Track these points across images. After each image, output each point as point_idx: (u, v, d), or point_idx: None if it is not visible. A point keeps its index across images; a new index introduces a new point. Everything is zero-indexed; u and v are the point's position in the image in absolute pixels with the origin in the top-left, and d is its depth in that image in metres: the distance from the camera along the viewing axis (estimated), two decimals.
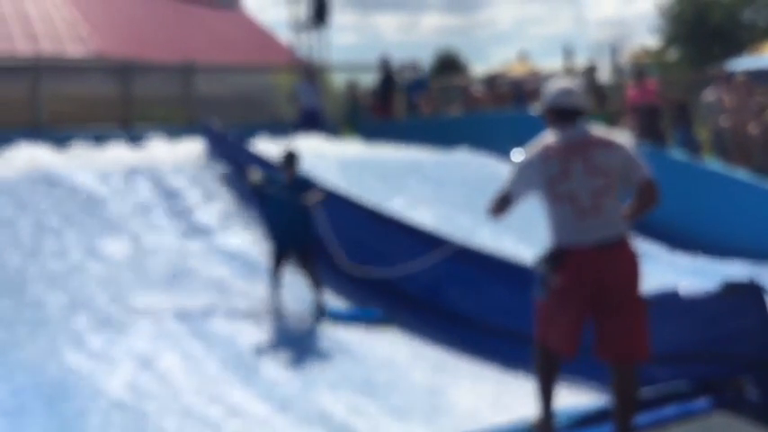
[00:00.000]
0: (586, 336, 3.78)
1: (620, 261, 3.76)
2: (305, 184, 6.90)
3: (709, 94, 11.34)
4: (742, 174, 9.57)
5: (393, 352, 6.06)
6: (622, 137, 4.01)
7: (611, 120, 11.92)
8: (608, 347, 3.76)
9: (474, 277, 6.50)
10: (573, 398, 4.53)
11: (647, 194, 3.83)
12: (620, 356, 3.77)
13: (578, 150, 3.83)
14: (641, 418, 3.92)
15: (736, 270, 7.80)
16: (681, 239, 9.03)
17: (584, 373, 4.68)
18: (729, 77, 11.76)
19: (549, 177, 3.82)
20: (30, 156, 8.95)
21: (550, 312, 3.81)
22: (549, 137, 3.96)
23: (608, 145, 3.85)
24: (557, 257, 3.78)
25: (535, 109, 12.18)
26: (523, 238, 7.96)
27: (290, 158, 6.93)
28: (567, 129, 3.94)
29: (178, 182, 8.75)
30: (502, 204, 4.02)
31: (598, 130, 4.00)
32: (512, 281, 5.88)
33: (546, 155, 3.88)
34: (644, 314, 3.76)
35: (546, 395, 3.94)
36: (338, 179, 8.54)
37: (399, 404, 5.08)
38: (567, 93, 4.03)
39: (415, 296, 6.91)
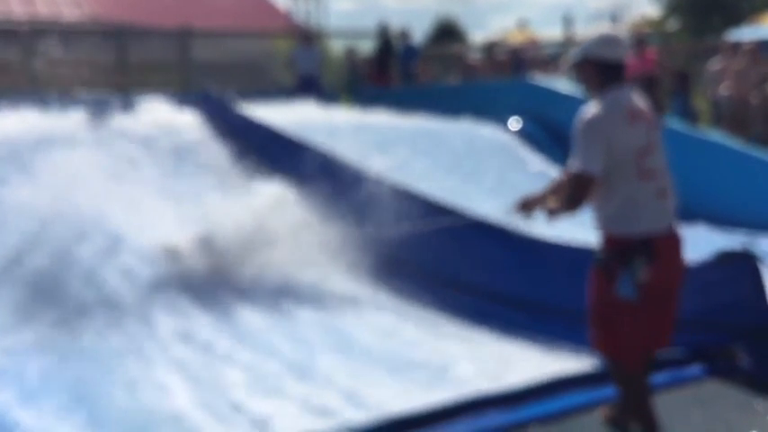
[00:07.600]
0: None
1: (680, 249, 3.29)
2: None
3: (716, 63, 11.27)
4: (740, 144, 9.55)
5: (393, 318, 6.07)
6: None
7: None
8: (648, 341, 3.34)
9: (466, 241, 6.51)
10: (573, 363, 4.54)
11: None
12: (656, 347, 3.41)
13: (653, 119, 3.22)
14: None
15: (733, 240, 7.81)
16: (677, 209, 9.00)
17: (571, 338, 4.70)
18: (736, 47, 11.68)
19: (638, 147, 3.13)
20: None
21: (637, 313, 3.18)
22: (605, 102, 3.15)
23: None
24: (647, 247, 3.14)
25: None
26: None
27: None
28: (620, 89, 3.18)
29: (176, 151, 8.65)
30: (581, 194, 3.13)
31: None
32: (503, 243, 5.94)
33: (632, 117, 3.13)
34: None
35: (642, 407, 3.38)
36: (334, 146, 8.48)
37: (401, 370, 5.10)
38: (614, 42, 3.20)
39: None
